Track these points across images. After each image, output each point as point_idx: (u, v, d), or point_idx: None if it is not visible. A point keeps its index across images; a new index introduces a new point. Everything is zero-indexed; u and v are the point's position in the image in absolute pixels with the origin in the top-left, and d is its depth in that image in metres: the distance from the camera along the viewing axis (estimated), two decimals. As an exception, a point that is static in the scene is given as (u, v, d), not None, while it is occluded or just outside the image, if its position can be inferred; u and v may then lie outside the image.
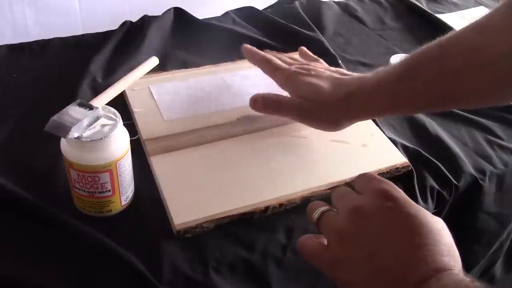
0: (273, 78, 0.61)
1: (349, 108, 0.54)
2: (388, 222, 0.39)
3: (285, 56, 0.65)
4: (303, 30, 0.83)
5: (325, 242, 0.42)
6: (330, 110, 0.55)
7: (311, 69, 0.58)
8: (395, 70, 0.53)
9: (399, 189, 0.42)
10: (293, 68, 0.59)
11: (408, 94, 0.52)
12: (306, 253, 0.43)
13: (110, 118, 0.48)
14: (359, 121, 0.62)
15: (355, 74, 0.58)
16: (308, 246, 0.43)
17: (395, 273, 0.36)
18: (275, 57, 0.63)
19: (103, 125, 0.47)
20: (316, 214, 0.44)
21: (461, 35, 0.50)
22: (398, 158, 0.61)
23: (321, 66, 0.62)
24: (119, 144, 0.47)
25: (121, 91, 0.63)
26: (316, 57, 0.66)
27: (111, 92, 0.61)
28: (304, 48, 0.69)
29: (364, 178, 0.45)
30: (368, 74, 0.55)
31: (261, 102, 0.59)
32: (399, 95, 0.52)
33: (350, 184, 0.57)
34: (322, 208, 0.44)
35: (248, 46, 0.66)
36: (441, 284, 0.35)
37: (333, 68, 0.60)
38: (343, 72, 0.59)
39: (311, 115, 0.56)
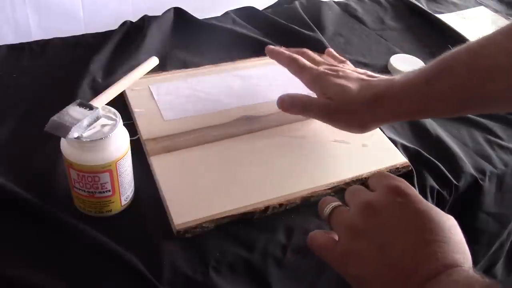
0: (300, 78, 0.61)
1: (376, 110, 0.54)
2: (399, 218, 0.39)
3: (312, 53, 0.65)
4: (303, 30, 0.83)
5: (336, 237, 0.43)
6: (357, 112, 0.55)
7: (339, 70, 0.58)
8: (424, 73, 0.53)
9: (410, 186, 0.42)
10: (321, 68, 0.59)
11: (437, 97, 0.52)
12: (316, 247, 0.43)
13: (110, 118, 0.48)
14: (386, 123, 0.63)
15: (383, 76, 0.57)
16: (318, 240, 0.43)
17: (405, 268, 0.37)
18: (302, 56, 0.62)
19: (103, 125, 0.47)
20: (327, 209, 0.44)
21: (491, 39, 0.50)
22: (398, 158, 0.61)
23: (349, 67, 0.62)
24: (119, 144, 0.47)
25: (121, 91, 0.63)
26: (343, 58, 0.66)
27: (111, 92, 0.61)
28: (331, 50, 0.69)
29: (377, 176, 0.46)
30: (396, 77, 0.55)
31: (289, 102, 0.59)
32: (428, 98, 0.52)
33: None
34: (334, 204, 0.44)
35: (271, 46, 0.66)
36: (451, 279, 0.35)
37: (360, 70, 0.60)
38: (371, 74, 0.58)
39: (338, 116, 0.56)
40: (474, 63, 0.50)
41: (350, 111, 0.55)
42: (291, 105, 0.59)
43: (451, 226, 0.39)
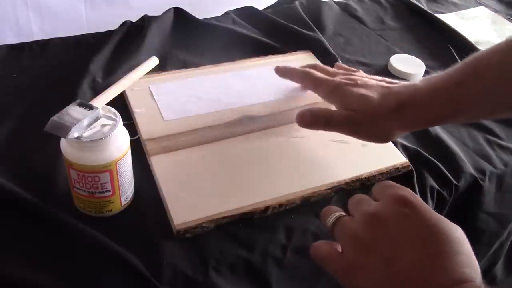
0: (317, 92, 0.58)
1: (402, 118, 0.52)
2: (406, 229, 0.38)
3: (323, 66, 0.62)
4: (303, 30, 0.83)
5: (339, 248, 0.41)
6: (382, 121, 0.53)
7: (357, 79, 0.56)
8: (450, 77, 0.51)
9: (417, 195, 0.41)
10: (337, 79, 0.56)
11: (466, 102, 0.50)
12: (319, 258, 0.42)
13: (110, 118, 0.48)
14: (412, 131, 0.60)
15: (401, 82, 0.55)
16: (322, 251, 0.42)
17: (413, 282, 0.36)
18: (314, 69, 0.60)
19: (103, 125, 0.47)
20: (331, 219, 0.43)
21: None
22: (398, 158, 0.61)
23: (365, 75, 0.59)
24: (119, 144, 0.47)
25: (121, 91, 0.63)
26: (353, 68, 0.63)
27: (111, 92, 0.61)
28: (341, 64, 0.66)
29: (382, 185, 0.44)
30: (417, 82, 0.53)
31: (309, 117, 0.55)
32: (456, 103, 0.50)
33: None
34: (337, 214, 0.43)
35: (280, 66, 0.63)
36: None
37: (378, 77, 0.57)
38: (390, 81, 0.56)
39: (363, 127, 0.54)
40: (504, 65, 0.48)
41: (375, 121, 0.53)
42: (312, 120, 0.55)
43: (459, 238, 0.37)
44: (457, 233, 0.38)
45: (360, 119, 0.53)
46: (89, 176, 0.46)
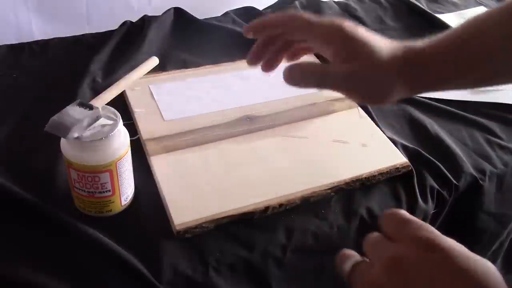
0: (307, 35, 0.50)
1: (407, 76, 0.47)
2: (435, 277, 0.34)
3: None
4: (303, 30, 0.83)
5: None
6: (385, 77, 0.47)
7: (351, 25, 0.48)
8: (455, 38, 0.48)
9: (442, 235, 0.36)
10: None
11: (470, 62, 0.47)
12: None
13: (110, 118, 0.48)
14: (411, 95, 0.54)
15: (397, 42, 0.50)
16: None
17: None
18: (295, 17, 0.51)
19: (103, 125, 0.47)
20: (348, 266, 0.39)
21: None
22: (398, 158, 0.61)
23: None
24: (119, 144, 0.47)
25: (121, 91, 0.64)
26: None
27: (111, 92, 0.61)
28: None
29: (397, 221, 0.38)
30: (417, 43, 0.50)
31: (299, 73, 0.47)
32: (460, 62, 0.48)
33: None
34: (354, 259, 0.39)
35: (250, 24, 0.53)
36: None
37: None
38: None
39: (362, 83, 0.46)
40: (506, 25, 0.46)
41: (377, 76, 0.47)
42: (302, 75, 0.47)
43: (495, 280, 0.33)
44: (495, 276, 0.34)
45: (361, 72, 0.46)
46: (89, 176, 0.46)
